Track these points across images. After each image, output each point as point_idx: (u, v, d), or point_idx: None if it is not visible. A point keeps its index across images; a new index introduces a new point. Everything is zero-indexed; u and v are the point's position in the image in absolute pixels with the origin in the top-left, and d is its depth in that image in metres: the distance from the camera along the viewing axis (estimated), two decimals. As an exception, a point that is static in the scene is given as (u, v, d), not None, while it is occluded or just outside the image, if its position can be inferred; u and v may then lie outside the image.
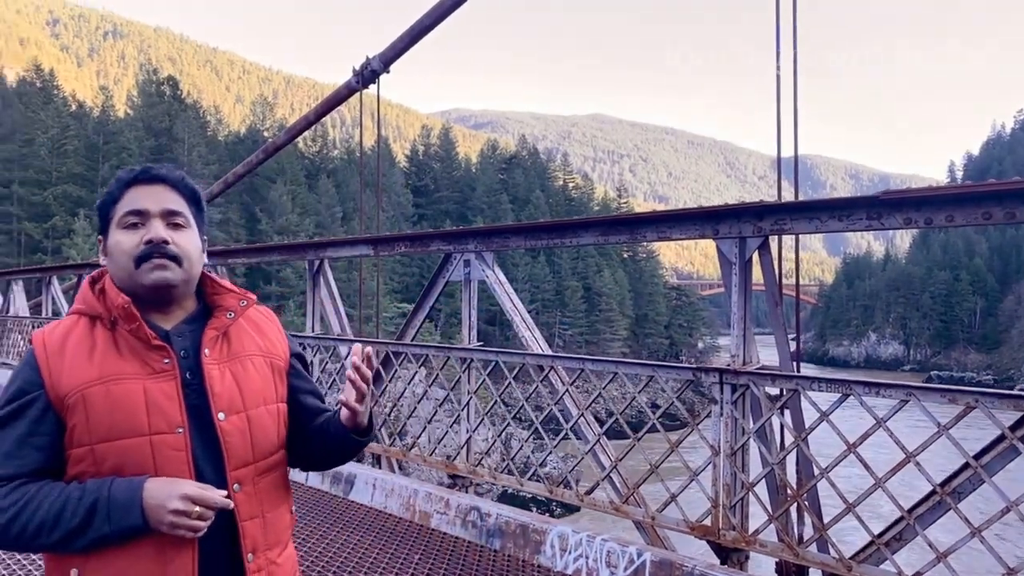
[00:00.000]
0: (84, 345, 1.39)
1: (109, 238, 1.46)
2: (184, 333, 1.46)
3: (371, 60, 7.80)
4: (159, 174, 1.48)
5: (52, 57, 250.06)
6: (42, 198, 59.48)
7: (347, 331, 6.69)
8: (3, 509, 1.29)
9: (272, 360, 1.55)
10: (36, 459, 1.34)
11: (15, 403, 1.35)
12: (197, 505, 1.31)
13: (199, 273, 1.51)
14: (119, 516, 1.29)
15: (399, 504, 5.14)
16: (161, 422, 1.36)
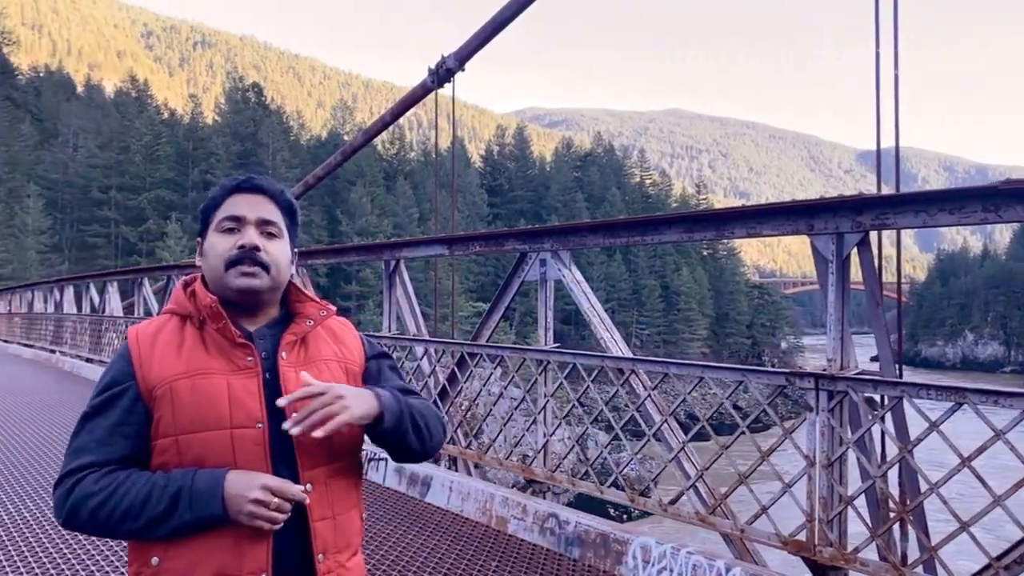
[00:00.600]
0: (174, 341, 1.46)
1: (207, 240, 1.53)
2: (265, 336, 1.51)
3: (446, 59, 7.75)
4: (260, 184, 1.55)
5: (146, 68, 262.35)
6: (137, 203, 62.47)
7: (423, 331, 6.65)
8: (94, 493, 1.36)
9: (347, 365, 1.58)
10: (125, 447, 1.41)
11: (108, 392, 1.43)
12: (276, 496, 1.35)
13: (286, 281, 1.56)
14: (201, 504, 1.34)
15: (475, 508, 5.05)
16: (242, 416, 1.41)
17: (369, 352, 1.66)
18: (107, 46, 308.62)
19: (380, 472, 5.98)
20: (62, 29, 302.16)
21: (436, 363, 5.98)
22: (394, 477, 5.83)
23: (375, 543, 4.66)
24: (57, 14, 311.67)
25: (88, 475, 1.39)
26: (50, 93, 76.74)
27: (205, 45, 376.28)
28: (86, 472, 1.39)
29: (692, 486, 4.13)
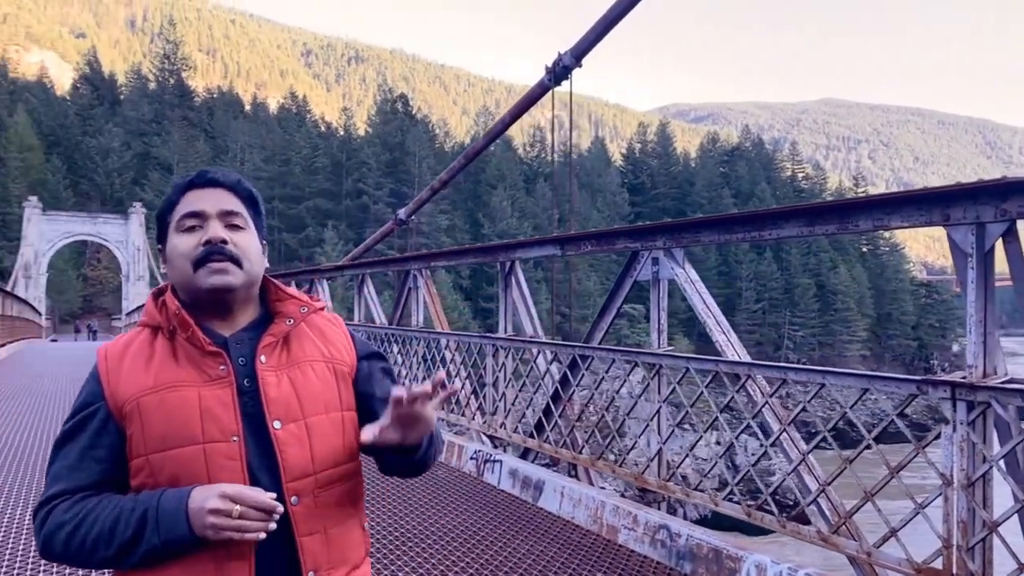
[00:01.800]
0: (142, 355, 1.36)
1: (168, 244, 1.41)
2: (243, 340, 1.40)
3: (563, 56, 7.64)
4: (214, 177, 1.43)
5: (305, 84, 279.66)
6: (297, 211, 66.82)
7: (539, 333, 6.58)
8: (64, 523, 1.28)
9: (335, 366, 1.45)
10: (97, 471, 1.32)
11: (78, 416, 1.35)
12: (237, 504, 1.23)
13: (260, 276, 1.45)
14: (167, 526, 1.25)
15: (586, 515, 4.91)
16: (215, 430, 1.31)
17: (361, 351, 1.53)
18: (271, 66, 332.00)
19: (495, 474, 5.95)
20: (232, 52, 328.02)
21: (549, 366, 5.88)
22: (508, 480, 5.79)
23: (484, 544, 4.63)
24: (228, 39, 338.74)
25: (60, 503, 1.31)
26: (221, 112, 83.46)
27: (359, 60, 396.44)
28: (58, 500, 1.31)
29: (813, 501, 3.80)
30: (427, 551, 4.52)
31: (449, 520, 5.11)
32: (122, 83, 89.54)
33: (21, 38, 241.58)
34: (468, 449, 6.45)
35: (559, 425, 5.69)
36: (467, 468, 6.35)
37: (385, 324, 9.06)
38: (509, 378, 6.39)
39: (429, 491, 5.80)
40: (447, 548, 4.57)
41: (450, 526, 5.00)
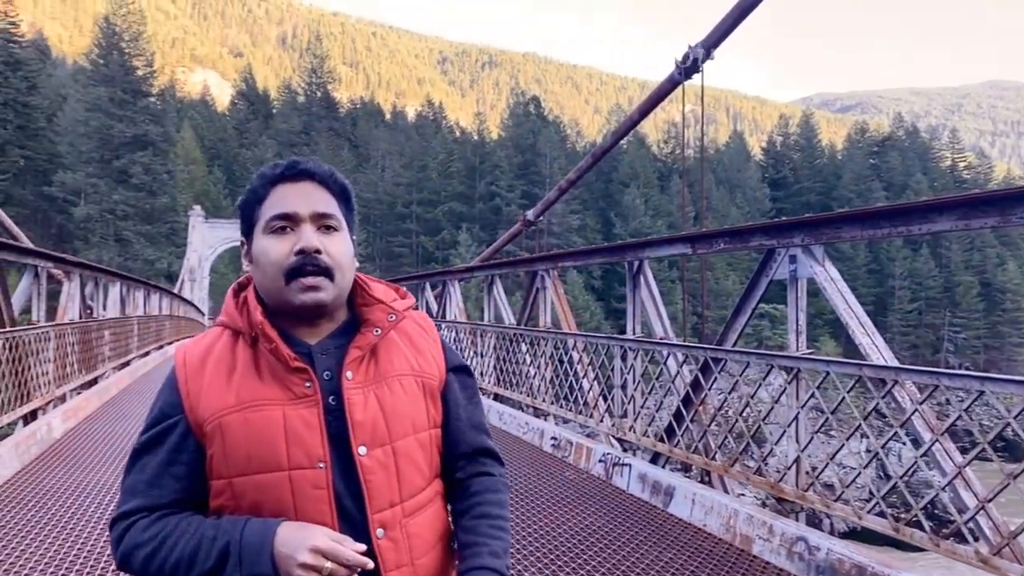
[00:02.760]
0: (224, 364, 1.27)
1: (254, 244, 1.30)
2: (328, 350, 1.29)
3: (692, 48, 7.41)
4: (306, 168, 1.31)
5: (441, 91, 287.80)
6: (433, 215, 68.94)
7: (670, 334, 6.42)
8: (143, 543, 1.22)
9: (424, 380, 1.34)
10: (176, 489, 1.25)
11: (157, 427, 1.26)
12: (328, 560, 1.15)
13: (351, 282, 1.34)
14: (250, 563, 1.16)
15: (719, 523, 4.74)
16: (301, 455, 1.21)
17: (450, 363, 1.41)
18: (409, 75, 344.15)
19: (624, 478, 5.86)
20: (374, 64, 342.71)
21: (680, 368, 5.72)
22: (637, 484, 5.68)
23: (612, 548, 4.57)
24: (370, 51, 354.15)
25: (138, 520, 1.23)
26: (364, 122, 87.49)
27: (492, 65, 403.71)
28: (136, 517, 1.24)
29: (972, 519, 3.48)
30: (553, 552, 4.51)
31: (577, 522, 5.08)
32: (274, 98, 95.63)
33: (187, 60, 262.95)
34: (596, 452, 6.39)
35: (690, 429, 5.53)
36: (595, 471, 6.29)
37: (514, 324, 9.14)
38: (638, 380, 6.27)
39: (557, 492, 5.79)
40: (574, 550, 4.54)
41: (577, 528, 4.96)
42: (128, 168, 59.25)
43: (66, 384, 8.83)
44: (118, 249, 56.84)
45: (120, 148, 59.97)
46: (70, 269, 9.81)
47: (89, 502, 5.27)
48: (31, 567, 4.07)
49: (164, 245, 59.57)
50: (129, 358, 13.85)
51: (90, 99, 60.34)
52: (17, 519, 4.85)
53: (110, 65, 61.74)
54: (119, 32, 63.29)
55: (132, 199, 58.63)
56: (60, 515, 4.95)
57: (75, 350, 9.29)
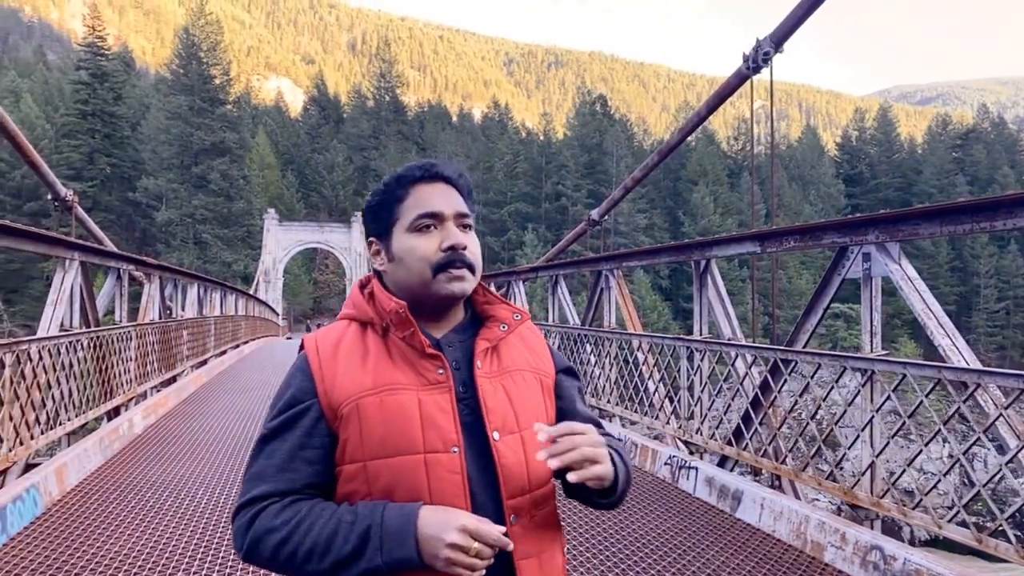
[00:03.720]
0: (357, 351, 1.29)
1: (395, 242, 1.33)
2: (454, 343, 1.32)
3: (761, 42, 7.22)
4: (442, 172, 1.37)
5: (507, 93, 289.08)
6: (499, 215, 69.25)
7: (738, 335, 6.27)
8: (274, 528, 1.20)
9: (541, 377, 1.38)
10: (308, 474, 1.25)
11: (288, 412, 1.27)
12: (475, 540, 1.15)
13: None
14: (392, 546, 1.16)
15: (788, 530, 4.60)
16: (436, 439, 1.22)
17: (559, 364, 1.44)
18: (476, 77, 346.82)
19: (690, 481, 5.75)
20: (441, 67, 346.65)
21: (748, 369, 5.58)
22: (704, 488, 5.57)
23: (678, 552, 4.49)
24: (437, 54, 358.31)
25: (268, 506, 1.23)
26: (431, 124, 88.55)
27: (558, 65, 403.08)
28: (266, 503, 1.23)
29: (1063, 533, 3.28)
30: (619, 554, 4.45)
31: (643, 525, 5.01)
32: (344, 102, 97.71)
33: (262, 68, 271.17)
34: (662, 454, 6.29)
35: (759, 433, 5.39)
36: (661, 473, 6.19)
37: (578, 324, 9.09)
38: (705, 382, 6.15)
39: (622, 494, 5.71)
40: (640, 552, 4.48)
41: (643, 531, 4.89)
42: (206, 174, 61.53)
43: (147, 382, 9.19)
44: (197, 252, 59.02)
45: (199, 154, 62.30)
46: (150, 271, 10.21)
47: (165, 497, 5.47)
48: (108, 560, 4.24)
49: (240, 248, 61.58)
50: (206, 357, 14.33)
51: (171, 108, 62.86)
52: (99, 511, 5.06)
53: (189, 75, 64.19)
54: (197, 43, 65.71)
55: (210, 204, 60.83)
56: (137, 509, 5.15)
57: (155, 349, 9.67)
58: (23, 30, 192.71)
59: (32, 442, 5.46)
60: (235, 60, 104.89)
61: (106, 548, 4.38)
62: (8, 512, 4.44)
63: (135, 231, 62.76)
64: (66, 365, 6.21)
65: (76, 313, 6.88)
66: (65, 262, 6.63)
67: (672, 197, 73.94)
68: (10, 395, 5.08)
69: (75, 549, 4.34)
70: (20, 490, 4.71)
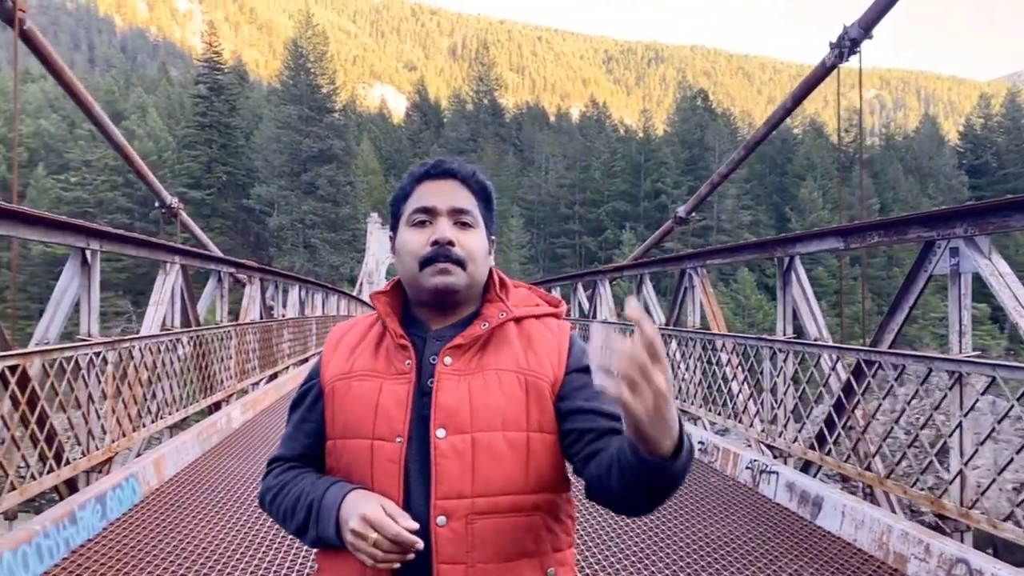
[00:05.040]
0: (355, 339, 1.39)
1: (398, 235, 1.39)
2: (443, 337, 1.33)
3: (848, 29, 6.87)
4: (450, 168, 1.39)
5: (606, 91, 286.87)
6: (596, 215, 68.84)
7: (824, 335, 6.01)
8: (271, 488, 1.38)
9: (529, 378, 1.29)
10: (304, 444, 1.38)
11: (301, 388, 1.42)
12: (375, 531, 1.16)
13: (485, 276, 1.38)
14: (324, 524, 1.25)
15: (870, 539, 4.38)
16: (384, 427, 1.26)
17: (573, 365, 1.33)
18: (574, 76, 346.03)
19: (771, 486, 5.56)
20: (539, 68, 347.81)
21: (831, 371, 5.34)
22: (784, 493, 5.37)
23: (751, 557, 4.35)
24: (535, 55, 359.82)
25: (276, 468, 1.40)
26: (529, 126, 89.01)
27: (658, 61, 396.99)
28: (275, 465, 1.41)
29: None
30: (688, 557, 4.36)
31: (717, 529, 4.89)
32: (445, 107, 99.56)
33: (366, 76, 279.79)
34: (744, 458, 6.11)
35: (843, 437, 5.15)
36: (742, 477, 6.02)
37: (662, 324, 8.93)
38: (788, 383, 5.93)
39: (699, 498, 5.59)
40: (710, 557, 4.37)
41: (717, 535, 4.77)
42: (315, 180, 64.14)
43: (247, 379, 9.67)
44: (307, 255, 61.60)
45: (307, 162, 64.98)
46: (251, 273, 10.73)
47: (253, 489, 5.73)
48: (195, 546, 4.49)
49: (346, 251, 63.83)
50: (307, 355, 14.93)
51: (281, 117, 65.87)
52: (191, 501, 5.37)
53: (298, 85, 67.06)
54: (305, 54, 68.56)
55: (318, 209, 63.37)
56: (227, 500, 5.43)
57: (255, 347, 10.15)
58: (149, 49, 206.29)
59: (134, 434, 5.85)
60: (341, 69, 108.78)
61: (194, 535, 4.65)
62: (108, 498, 4.78)
63: (249, 236, 66.05)
64: (166, 362, 6.62)
65: (177, 313, 7.32)
66: (166, 265, 7.07)
67: (778, 192, 71.48)
68: (113, 390, 5.46)
69: (167, 535, 4.62)
70: (120, 478, 5.06)
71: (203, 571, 4.08)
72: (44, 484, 4.49)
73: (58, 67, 8.59)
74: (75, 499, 4.56)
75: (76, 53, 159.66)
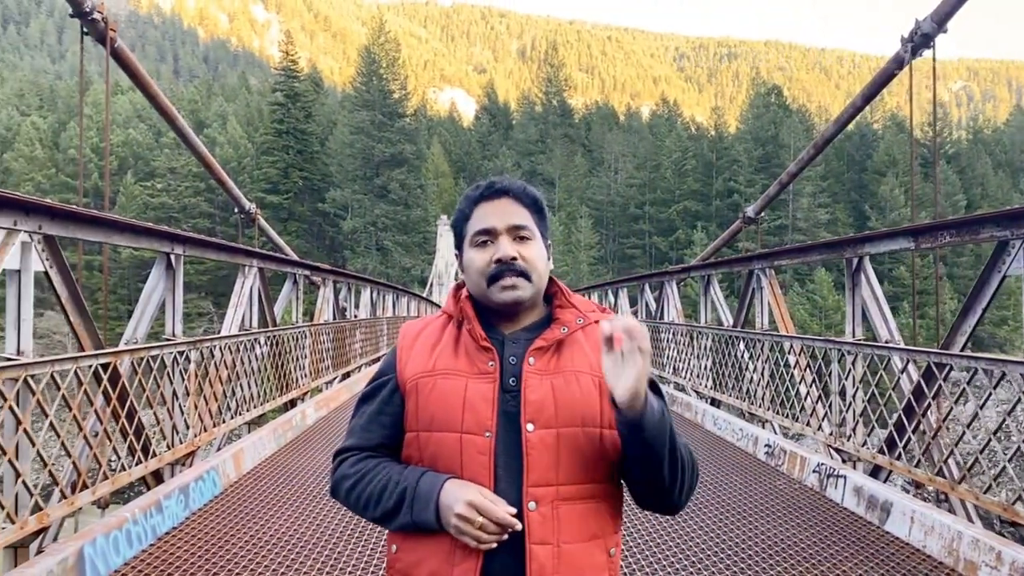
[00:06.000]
0: (432, 338, 1.50)
1: (464, 255, 1.52)
2: (519, 339, 1.46)
3: (920, 23, 6.66)
4: (503, 187, 1.52)
5: (677, 89, 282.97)
6: (667, 215, 68.01)
7: (895, 337, 5.88)
8: (348, 476, 1.47)
9: (603, 381, 1.38)
10: (381, 435, 1.48)
11: (376, 382, 1.52)
12: (480, 515, 1.31)
13: (546, 282, 1.52)
14: (419, 509, 1.36)
15: (939, 546, 4.28)
16: (472, 422, 1.38)
17: None
18: (644, 75, 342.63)
19: (838, 490, 5.47)
20: (609, 67, 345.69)
21: (900, 374, 5.22)
22: (852, 498, 5.28)
23: (813, 560, 4.31)
24: (605, 55, 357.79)
25: (349, 457, 1.49)
26: (597, 126, 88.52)
27: (731, 57, 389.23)
28: (348, 454, 1.49)
29: None
30: (750, 560, 4.35)
31: (780, 533, 4.85)
32: (514, 109, 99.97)
33: (437, 80, 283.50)
34: (811, 461, 6.02)
35: (913, 441, 5.03)
36: (809, 481, 5.93)
37: (730, 325, 8.84)
38: (857, 386, 5.81)
39: (766, 502, 5.54)
40: (771, 560, 4.35)
41: (778, 538, 4.74)
42: (387, 184, 65.41)
43: (321, 377, 10.00)
44: (379, 258, 62.87)
45: (380, 166, 66.32)
46: (324, 276, 11.09)
47: (325, 483, 5.96)
48: (270, 536, 4.72)
49: (417, 253, 64.85)
50: (379, 354, 15.29)
51: (354, 123, 67.43)
52: (267, 493, 5.64)
53: (371, 91, 68.51)
54: (377, 60, 69.98)
55: (390, 212, 64.59)
56: (300, 493, 5.67)
57: (329, 347, 10.50)
58: (230, 59, 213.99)
59: (215, 429, 6.16)
60: (412, 74, 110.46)
61: (271, 525, 4.89)
62: (191, 489, 5.07)
63: (324, 239, 67.82)
64: (245, 361, 6.94)
65: (255, 314, 7.65)
66: (245, 268, 7.40)
67: (857, 190, 69.20)
68: (195, 387, 5.77)
69: (245, 525, 4.87)
70: (202, 471, 5.36)
71: (279, 559, 4.30)
72: (133, 475, 4.79)
73: (144, 81, 9.09)
74: (161, 489, 4.86)
75: (162, 64, 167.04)
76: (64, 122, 67.48)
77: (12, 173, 61.86)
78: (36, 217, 3.93)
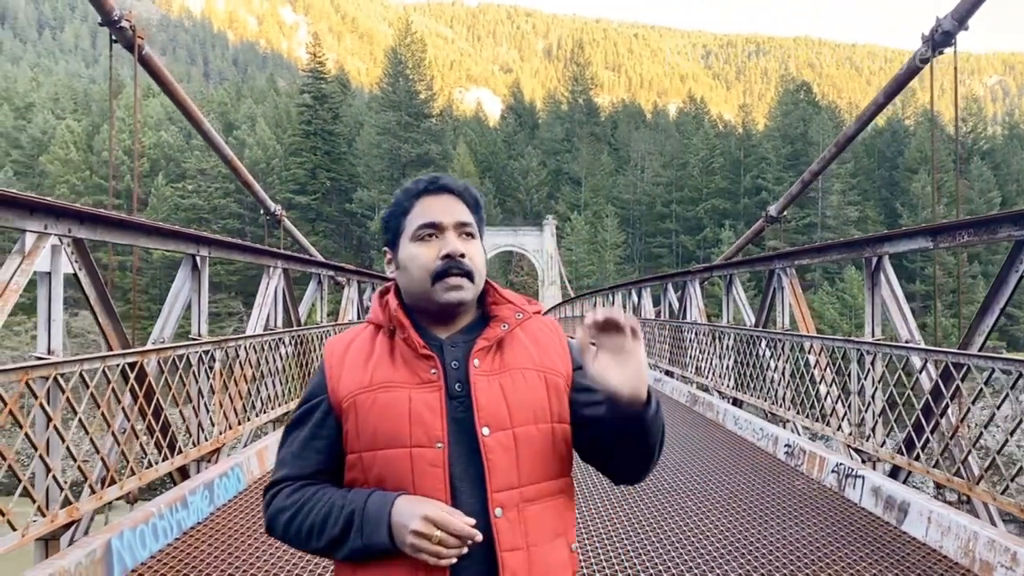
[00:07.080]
0: (363, 352, 1.40)
1: (401, 251, 1.43)
2: (458, 343, 1.39)
3: (941, 21, 6.59)
4: (447, 184, 1.46)
5: (705, 86, 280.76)
6: (694, 213, 67.60)
7: (915, 337, 5.84)
8: (285, 508, 1.35)
9: (547, 375, 1.40)
10: (317, 461, 1.38)
11: (304, 406, 1.42)
12: (438, 529, 1.23)
13: (483, 284, 1.46)
14: (370, 531, 1.28)
15: (956, 547, 4.26)
16: (421, 434, 1.31)
17: (577, 361, 1.43)
18: (671, 73, 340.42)
19: (856, 490, 5.46)
20: (635, 65, 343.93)
21: (919, 374, 5.20)
22: (870, 498, 5.26)
23: (828, 559, 4.32)
24: (631, 53, 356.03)
25: (284, 488, 1.37)
26: (624, 124, 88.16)
27: (759, 54, 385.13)
28: (283, 485, 1.38)
29: None
30: (765, 557, 4.37)
31: (797, 533, 4.86)
32: (540, 108, 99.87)
33: (463, 80, 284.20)
34: (830, 461, 6.01)
35: (931, 442, 5.01)
36: (827, 481, 5.92)
37: (752, 325, 8.82)
38: (876, 386, 5.79)
39: (784, 502, 5.55)
40: (786, 559, 4.36)
41: (795, 538, 4.75)
42: (413, 184, 65.80)
43: (345, 377, 10.12)
44: (406, 257, 63.25)
45: (406, 166, 66.74)
46: (349, 276, 11.23)
47: (347, 479, 6.08)
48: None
49: (442, 252, 65.14)
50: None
51: (381, 124, 67.96)
52: (291, 489, 5.75)
53: (397, 92, 69.00)
54: (404, 61, 70.45)
55: (416, 212, 64.94)
56: (323, 488, 5.78)
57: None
58: (259, 61, 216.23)
59: (240, 427, 6.30)
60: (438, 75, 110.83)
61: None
62: (216, 485, 5.20)
63: (352, 239, 68.38)
64: (269, 360, 7.07)
65: (280, 314, 7.79)
66: (270, 269, 7.54)
67: (888, 187, 68.22)
68: (220, 385, 5.91)
69: (267, 520, 4.99)
70: (226, 467, 5.49)
71: (300, 553, 4.40)
72: (160, 471, 4.93)
73: (171, 86, 9.28)
74: (186, 485, 5.00)
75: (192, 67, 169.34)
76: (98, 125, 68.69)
77: (48, 175, 63.26)
78: (65, 221, 4.07)
